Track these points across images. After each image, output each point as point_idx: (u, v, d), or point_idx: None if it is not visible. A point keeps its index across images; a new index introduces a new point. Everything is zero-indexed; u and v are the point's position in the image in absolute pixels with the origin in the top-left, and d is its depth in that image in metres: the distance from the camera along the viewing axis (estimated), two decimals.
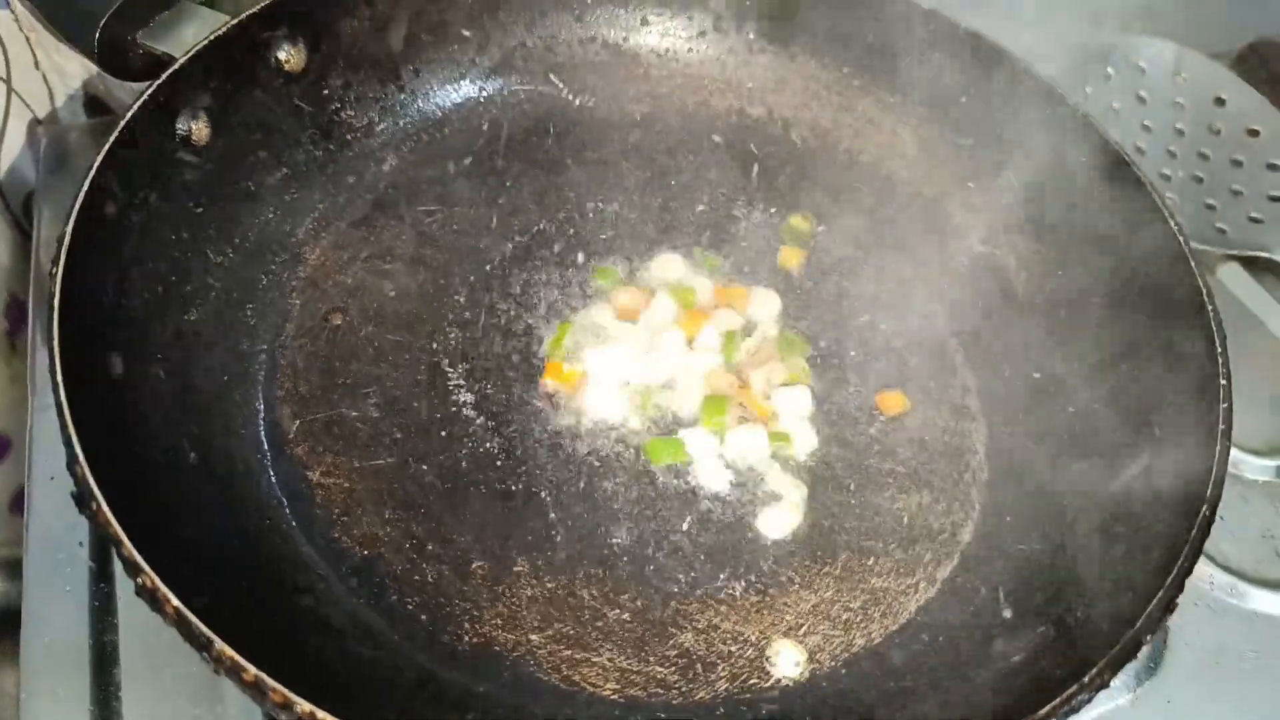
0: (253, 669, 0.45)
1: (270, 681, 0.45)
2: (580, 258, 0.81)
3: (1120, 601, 0.56)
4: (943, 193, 0.87)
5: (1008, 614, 0.63)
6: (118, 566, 0.62)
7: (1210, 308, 0.66)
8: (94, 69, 0.94)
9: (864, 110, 0.90)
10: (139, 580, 0.47)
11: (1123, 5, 0.93)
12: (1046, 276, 0.80)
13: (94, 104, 1.01)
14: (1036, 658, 0.57)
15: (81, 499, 0.50)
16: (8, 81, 0.96)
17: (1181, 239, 0.69)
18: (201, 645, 0.46)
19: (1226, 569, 0.74)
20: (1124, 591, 0.56)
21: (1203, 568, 0.73)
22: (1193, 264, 0.68)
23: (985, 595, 0.65)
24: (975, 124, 0.85)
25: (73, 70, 0.98)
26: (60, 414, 0.52)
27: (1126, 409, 0.70)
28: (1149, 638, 0.52)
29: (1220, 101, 0.92)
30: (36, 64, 0.96)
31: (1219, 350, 0.64)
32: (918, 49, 0.87)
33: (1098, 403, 0.72)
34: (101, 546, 0.67)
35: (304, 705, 0.44)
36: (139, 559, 0.47)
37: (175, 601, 0.46)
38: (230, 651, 0.45)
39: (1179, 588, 0.53)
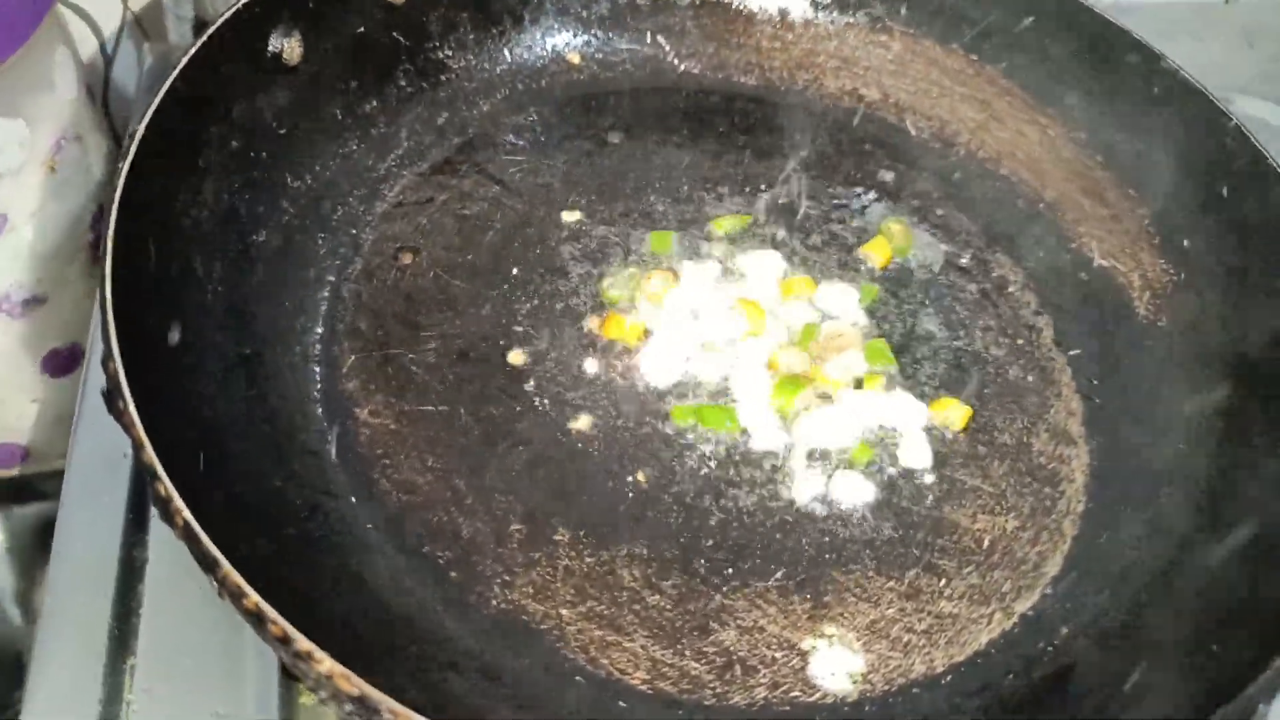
0: (254, 595, 0.42)
1: (271, 612, 0.41)
2: (660, 226, 0.76)
3: (1221, 668, 0.48)
4: (1064, 199, 0.80)
5: (1093, 660, 0.57)
6: None
7: None
8: None
9: (988, 102, 0.83)
10: (155, 487, 0.45)
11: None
12: (1173, 300, 0.72)
13: (204, 28, 1.01)
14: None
15: (111, 397, 0.48)
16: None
17: None
18: (208, 565, 0.43)
19: None
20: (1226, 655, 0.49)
21: None
22: None
23: (1066, 636, 0.58)
24: (1111, 127, 0.78)
25: None
26: (103, 306, 0.50)
27: (1248, 461, 0.62)
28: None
29: None
30: None
31: None
32: (1056, 40, 0.80)
33: (1216, 447, 0.65)
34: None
35: (302, 643, 0.41)
36: (157, 464, 0.45)
37: (186, 514, 0.44)
38: (236, 576, 0.42)
39: None
